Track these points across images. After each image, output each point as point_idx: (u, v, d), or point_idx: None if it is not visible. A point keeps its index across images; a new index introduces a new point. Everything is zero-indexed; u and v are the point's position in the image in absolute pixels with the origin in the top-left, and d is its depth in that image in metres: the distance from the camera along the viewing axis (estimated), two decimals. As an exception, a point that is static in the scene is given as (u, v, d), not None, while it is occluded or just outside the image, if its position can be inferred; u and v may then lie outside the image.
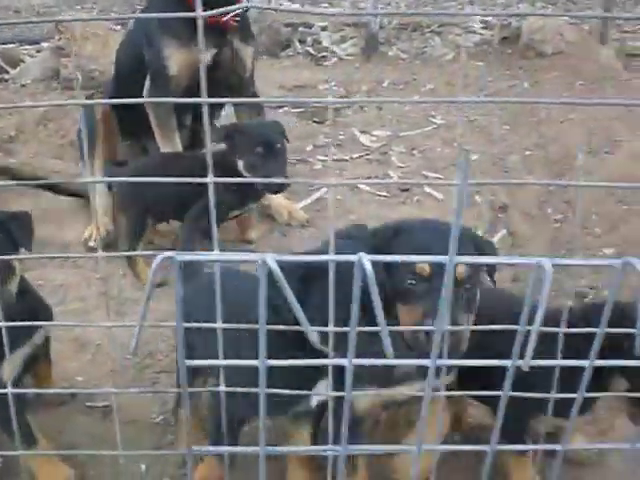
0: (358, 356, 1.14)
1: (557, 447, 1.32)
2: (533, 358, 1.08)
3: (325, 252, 1.67)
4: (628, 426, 2.39)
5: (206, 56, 3.72)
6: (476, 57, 7.17)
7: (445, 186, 4.48)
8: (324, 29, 7.73)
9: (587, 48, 6.95)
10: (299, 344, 1.63)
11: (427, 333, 1.88)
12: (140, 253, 3.92)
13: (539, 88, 6.31)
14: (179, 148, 3.86)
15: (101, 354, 3.18)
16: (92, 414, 2.79)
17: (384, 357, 1.11)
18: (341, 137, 5.32)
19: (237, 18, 3.72)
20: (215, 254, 1.17)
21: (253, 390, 1.18)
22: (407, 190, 4.46)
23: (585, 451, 2.48)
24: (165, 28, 3.66)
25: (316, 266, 1.81)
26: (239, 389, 1.31)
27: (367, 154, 5.04)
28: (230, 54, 3.79)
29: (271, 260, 1.06)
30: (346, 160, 4.97)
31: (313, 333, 1.12)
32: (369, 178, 4.65)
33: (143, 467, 2.52)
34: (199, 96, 1.02)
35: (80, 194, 4.29)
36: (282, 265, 1.02)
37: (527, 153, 4.97)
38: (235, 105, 4.16)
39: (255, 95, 4.09)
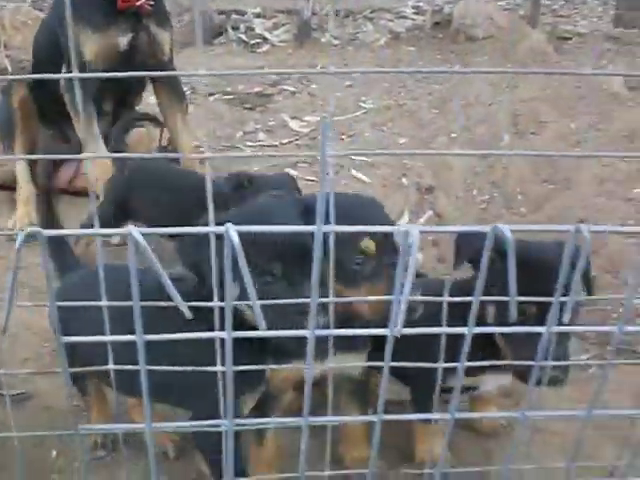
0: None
1: (446, 416, 1.32)
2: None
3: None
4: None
5: (122, 41, 3.67)
6: (408, 42, 7.20)
7: (371, 169, 4.48)
8: (257, 16, 7.69)
9: (517, 32, 7.01)
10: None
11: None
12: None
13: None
14: (98, 135, 3.79)
15: (19, 342, 3.12)
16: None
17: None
18: (271, 123, 5.30)
19: (151, 2, 3.67)
20: (86, 231, 1.14)
21: (135, 368, 1.16)
22: (335, 174, 4.46)
23: (492, 422, 2.50)
24: (79, 13, 3.59)
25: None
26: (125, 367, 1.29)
27: (296, 139, 5.03)
28: (147, 38, 3.73)
29: (136, 233, 1.04)
30: (275, 145, 4.95)
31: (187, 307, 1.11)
32: (297, 163, 4.63)
33: (54, 453, 2.48)
34: (118, 80, 0.99)
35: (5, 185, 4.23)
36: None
37: (453, 135, 5.00)
38: (156, 91, 4.09)
39: (175, 80, 4.04)
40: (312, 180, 4.44)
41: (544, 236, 1.91)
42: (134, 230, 1.07)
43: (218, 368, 1.33)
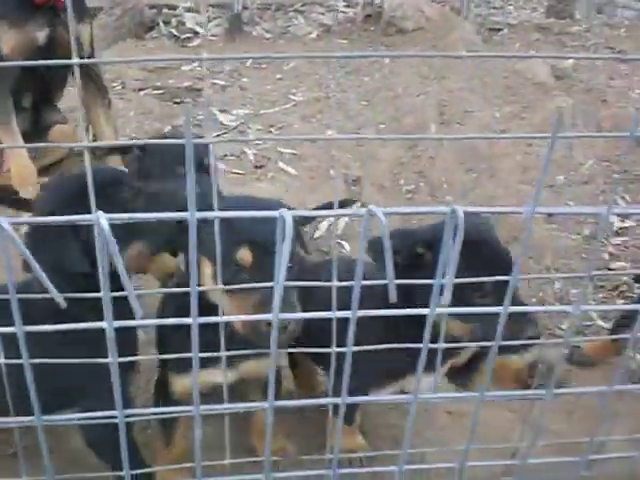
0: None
1: (337, 400, 1.35)
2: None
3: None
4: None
5: (40, 35, 3.62)
6: (340, 35, 7.23)
7: (299, 162, 4.50)
8: (188, 10, 7.63)
9: (447, 24, 7.09)
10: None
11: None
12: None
13: (399, 63, 6.40)
14: (17, 132, 3.73)
15: None
16: None
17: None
18: (200, 117, 5.28)
19: (69, -5, 3.62)
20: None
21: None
22: (261, 167, 4.46)
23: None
24: (-5, 8, 3.54)
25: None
26: None
27: (225, 132, 5.02)
28: (65, 33, 3.69)
29: (5, 224, 1.04)
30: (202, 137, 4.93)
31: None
32: (225, 156, 4.63)
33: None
34: (38, 75, 0.97)
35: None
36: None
37: (382, 127, 5.04)
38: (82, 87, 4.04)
39: (98, 76, 4.00)
40: (239, 173, 4.45)
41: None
42: (3, 221, 1.07)
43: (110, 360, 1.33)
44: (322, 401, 1.46)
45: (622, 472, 1.77)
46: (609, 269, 3.77)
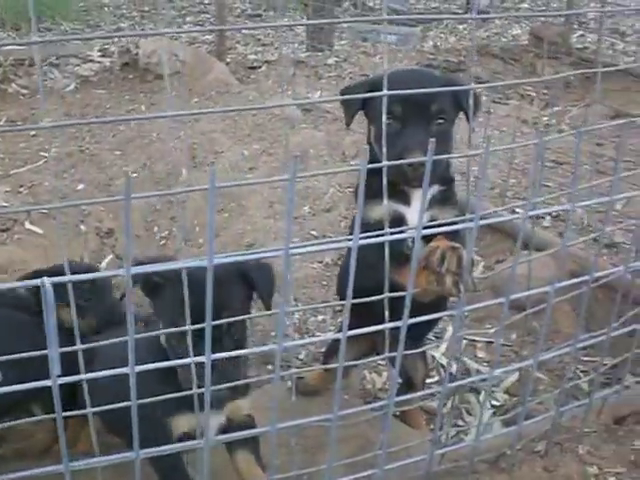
0: None
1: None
2: None
3: None
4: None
5: None
6: (99, 85, 7.23)
7: (47, 220, 4.47)
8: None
9: (202, 66, 7.25)
10: None
11: None
12: None
13: (156, 109, 6.50)
14: None
15: None
16: None
17: None
18: None
19: None
20: None
21: None
22: (7, 230, 4.39)
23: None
24: None
25: None
26: None
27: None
28: None
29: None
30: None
31: None
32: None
33: None
34: None
35: None
36: None
37: (134, 175, 5.10)
38: None
39: None
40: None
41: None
42: None
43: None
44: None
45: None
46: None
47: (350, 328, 1.61)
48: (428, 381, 3.14)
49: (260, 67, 8.05)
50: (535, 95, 6.94)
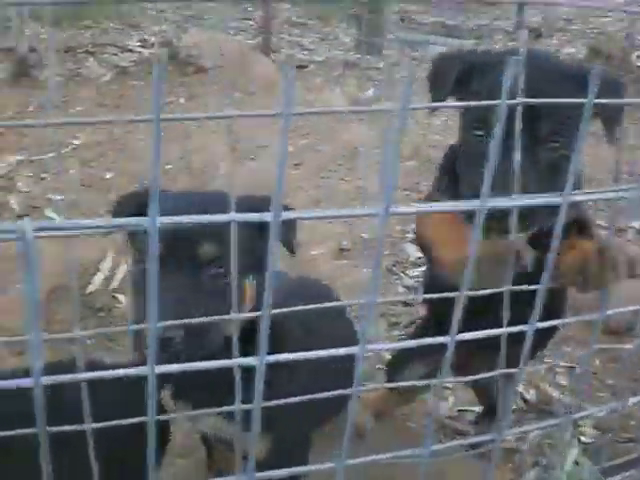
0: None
1: None
2: None
3: None
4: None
5: None
6: (135, 76, 6.83)
7: (69, 209, 4.03)
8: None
9: (248, 61, 6.85)
10: None
11: None
12: None
13: (196, 102, 6.10)
14: None
15: None
16: None
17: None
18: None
19: None
20: None
21: None
22: (25, 216, 3.97)
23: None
24: None
25: None
26: None
27: (-8, 180, 4.51)
28: None
29: None
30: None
31: None
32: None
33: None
34: None
35: None
36: None
37: (168, 167, 4.66)
38: None
39: None
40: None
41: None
42: None
43: None
44: None
45: None
46: (406, 303, 3.52)
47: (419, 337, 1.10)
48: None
49: (307, 67, 7.65)
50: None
